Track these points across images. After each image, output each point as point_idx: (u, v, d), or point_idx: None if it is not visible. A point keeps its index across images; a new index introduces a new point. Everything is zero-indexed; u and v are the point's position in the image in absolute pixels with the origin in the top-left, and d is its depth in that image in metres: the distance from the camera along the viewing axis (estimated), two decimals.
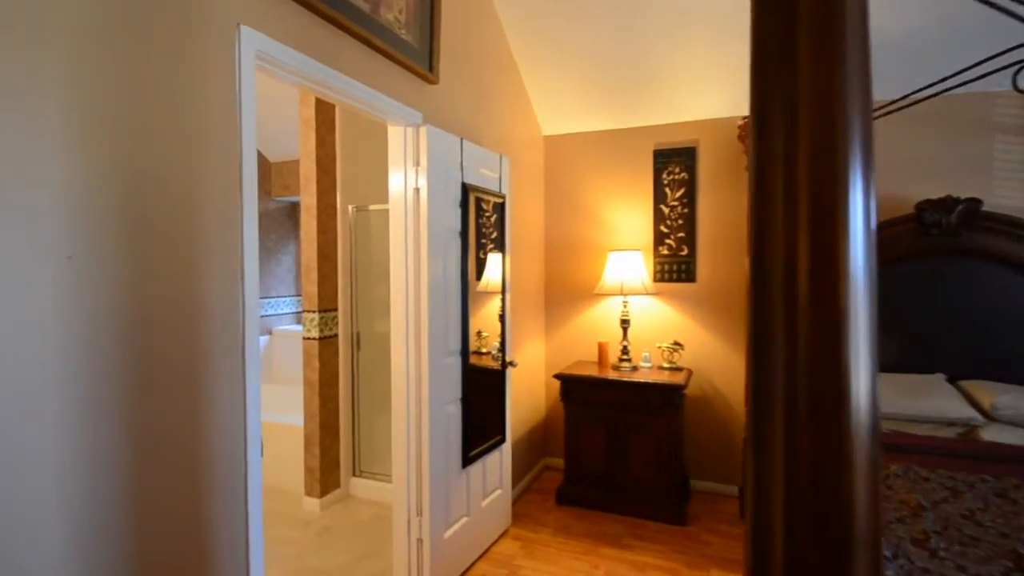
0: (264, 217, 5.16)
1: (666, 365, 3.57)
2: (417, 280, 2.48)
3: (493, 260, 3.10)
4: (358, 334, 3.68)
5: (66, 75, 1.26)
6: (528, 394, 3.81)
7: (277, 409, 4.71)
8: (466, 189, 2.69)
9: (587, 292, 3.95)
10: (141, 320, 1.41)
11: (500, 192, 3.05)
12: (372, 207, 3.63)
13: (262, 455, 1.75)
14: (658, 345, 3.64)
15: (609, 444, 3.37)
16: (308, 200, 3.49)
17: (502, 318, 3.10)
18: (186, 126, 1.52)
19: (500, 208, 3.08)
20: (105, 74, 1.33)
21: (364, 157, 3.73)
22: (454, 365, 2.65)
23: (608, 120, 3.87)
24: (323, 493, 3.47)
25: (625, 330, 3.60)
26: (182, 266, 1.51)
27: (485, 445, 2.87)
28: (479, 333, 3.06)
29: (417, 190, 2.47)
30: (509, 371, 3.15)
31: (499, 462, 3.08)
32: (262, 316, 5.12)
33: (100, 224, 1.33)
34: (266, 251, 5.18)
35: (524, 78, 3.71)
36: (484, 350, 3.11)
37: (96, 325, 1.32)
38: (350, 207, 3.64)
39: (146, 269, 1.42)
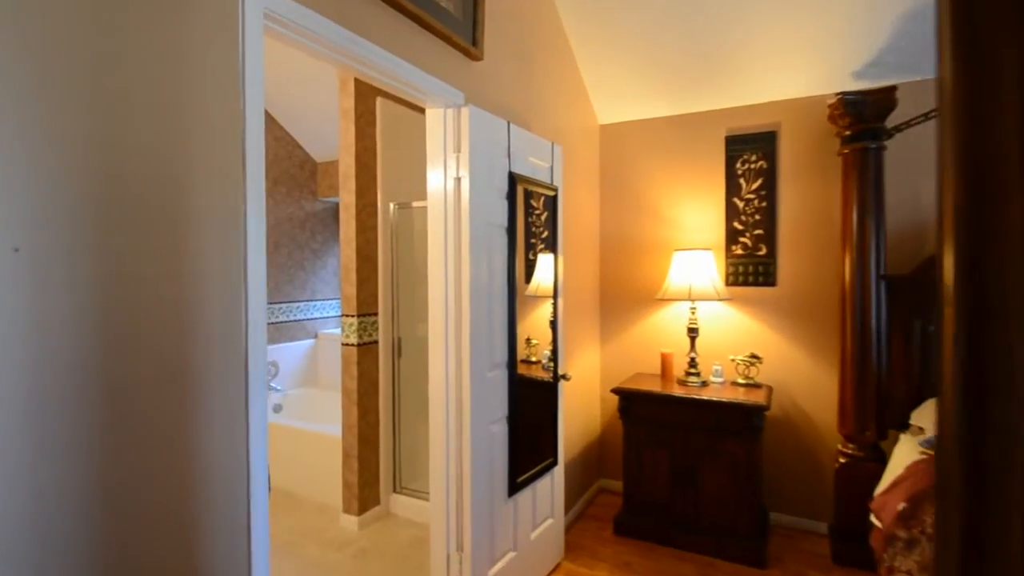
0: (311, 218, 5.00)
1: (741, 381, 3.11)
2: (458, 283, 2.15)
3: (543, 260, 2.75)
4: (399, 340, 3.40)
5: (7, 17, 0.99)
6: (582, 408, 3.43)
7: (320, 417, 4.51)
8: (513, 179, 2.35)
9: (648, 297, 3.53)
10: (112, 330, 1.13)
11: (551, 184, 2.70)
12: (415, 204, 3.35)
13: (269, 491, 1.46)
14: (731, 358, 3.18)
15: (675, 470, 2.94)
16: (347, 197, 3.24)
17: (553, 325, 2.74)
18: (176, 97, 1.24)
19: (552, 202, 2.72)
20: (69, 24, 1.07)
21: (406, 151, 3.45)
22: (499, 379, 2.30)
23: (672, 105, 3.45)
24: (361, 510, 3.20)
25: (693, 340, 3.16)
26: (168, 265, 1.23)
27: (535, 469, 2.51)
28: (528, 340, 2.72)
29: (458, 180, 2.15)
30: (562, 385, 2.78)
31: (550, 488, 2.71)
32: (308, 319, 4.95)
33: (58, 210, 1.06)
34: (312, 252, 5.02)
35: (578, 60, 3.34)
36: (534, 359, 2.76)
37: (48, 335, 1.04)
38: (391, 204, 3.37)
39: (120, 268, 1.15)
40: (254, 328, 1.40)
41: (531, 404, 2.57)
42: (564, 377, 2.72)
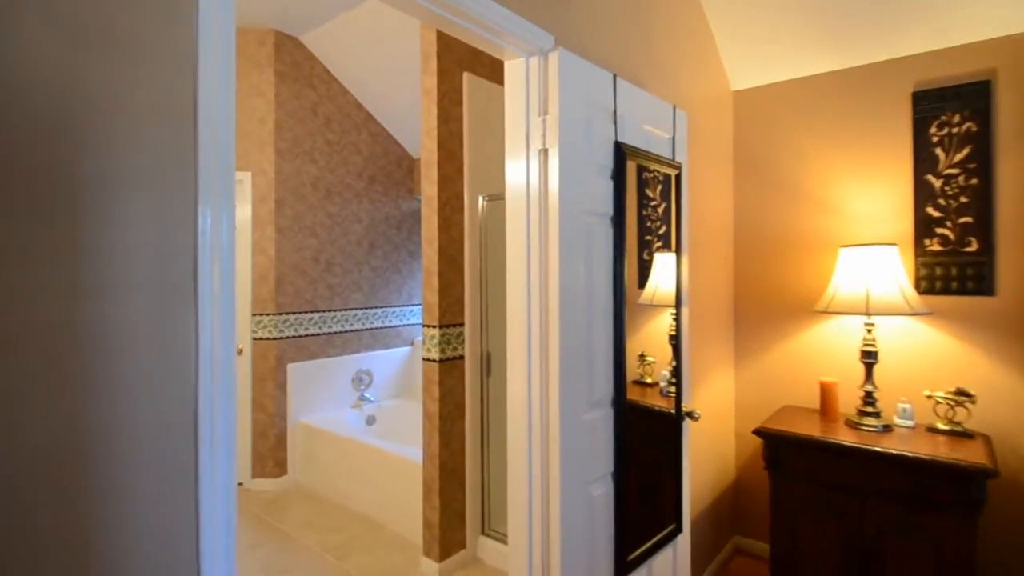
0: (408, 218, 4.67)
1: (942, 426, 2.20)
2: (543, 291, 1.56)
3: (661, 261, 2.07)
4: (488, 355, 2.87)
5: None
6: (712, 448, 2.67)
7: (413, 434, 4.12)
8: (621, 152, 1.70)
9: (800, 307, 2.69)
10: None
11: (673, 160, 2.01)
12: (504, 195, 2.81)
13: None
14: (928, 394, 2.27)
15: (849, 549, 2.11)
16: (428, 189, 2.76)
17: (676, 345, 2.06)
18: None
19: (673, 184, 2.04)
20: None
21: (497, 135, 2.92)
22: (602, 422, 1.67)
23: (833, 57, 2.59)
24: (443, 555, 2.70)
25: (869, 368, 2.30)
26: (50, 270, 0.77)
27: (651, 542, 1.84)
28: (642, 357, 2.07)
29: (544, 153, 1.55)
30: (687, 425, 2.08)
31: (672, 562, 2.02)
32: (403, 325, 4.61)
33: None
34: (408, 254, 4.68)
35: (707, 9, 2.61)
36: (649, 379, 2.10)
37: None
38: (480, 198, 2.85)
39: None
40: (214, 368, 0.91)
41: (646, 443, 1.91)
42: (691, 416, 2.01)
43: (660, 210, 2.12)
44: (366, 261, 4.36)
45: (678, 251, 2.03)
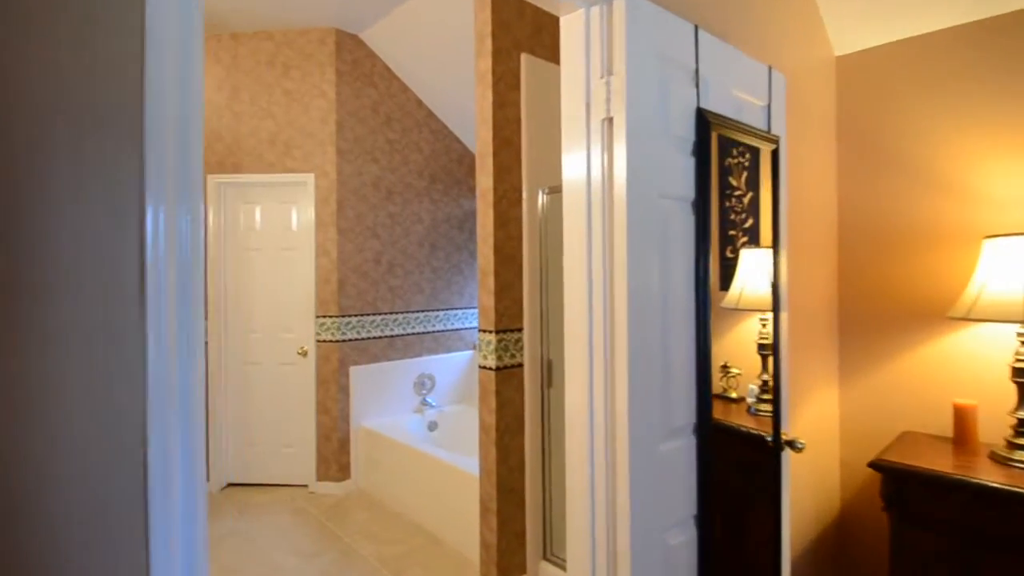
0: (470, 217, 4.47)
1: None
2: (607, 291, 1.25)
3: (749, 258, 1.72)
4: (550, 363, 2.58)
5: None
6: (811, 478, 2.23)
7: (473, 446, 3.90)
8: (704, 121, 1.37)
9: (924, 313, 2.21)
10: None
11: (769, 133, 1.65)
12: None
13: None
14: None
15: None
16: (484, 181, 2.52)
17: (768, 355, 1.69)
18: None
19: (769, 163, 1.67)
20: None
21: (560, 121, 2.64)
22: (682, 453, 1.35)
23: (964, 7, 2.10)
24: None
25: (1023, 388, 1.81)
26: None
27: None
28: (725, 368, 1.74)
29: (608, 123, 1.25)
30: (787, 456, 1.70)
31: None
32: (466, 328, 4.42)
33: None
34: (470, 254, 4.48)
35: None
36: (733, 394, 1.76)
37: None
38: (540, 191, 2.57)
39: None
40: (168, 385, 0.69)
41: (732, 472, 1.56)
42: (793, 446, 1.63)
43: (746, 200, 1.76)
44: (427, 262, 4.20)
45: (776, 242, 1.66)
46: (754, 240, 1.77)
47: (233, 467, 3.86)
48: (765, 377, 1.80)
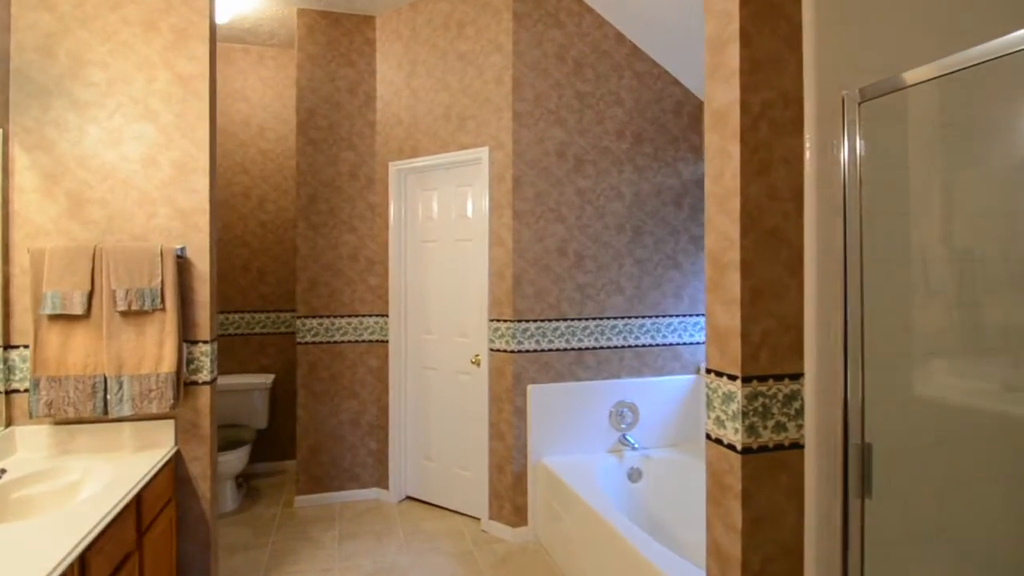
0: (693, 188, 3.14)
1: None
2: None
3: None
4: (868, 448, 1.20)
5: None
6: None
7: (692, 513, 2.60)
8: None
9: None
10: None
11: None
12: (911, 78, 1.10)
13: None
14: None
15: None
16: (717, 88, 1.25)
17: None
18: None
19: None
20: None
21: None
22: None
23: None
24: None
25: None
26: None
27: None
28: None
29: None
30: None
31: None
32: (685, 344, 3.10)
33: None
34: (692, 240, 3.14)
35: None
36: None
37: None
38: (846, 98, 1.21)
39: None
40: None
41: None
42: None
43: None
44: (629, 252, 3.01)
45: None
46: None
47: (411, 479, 3.32)
48: None
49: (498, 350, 2.86)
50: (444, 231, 3.16)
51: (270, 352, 3.84)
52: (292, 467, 3.73)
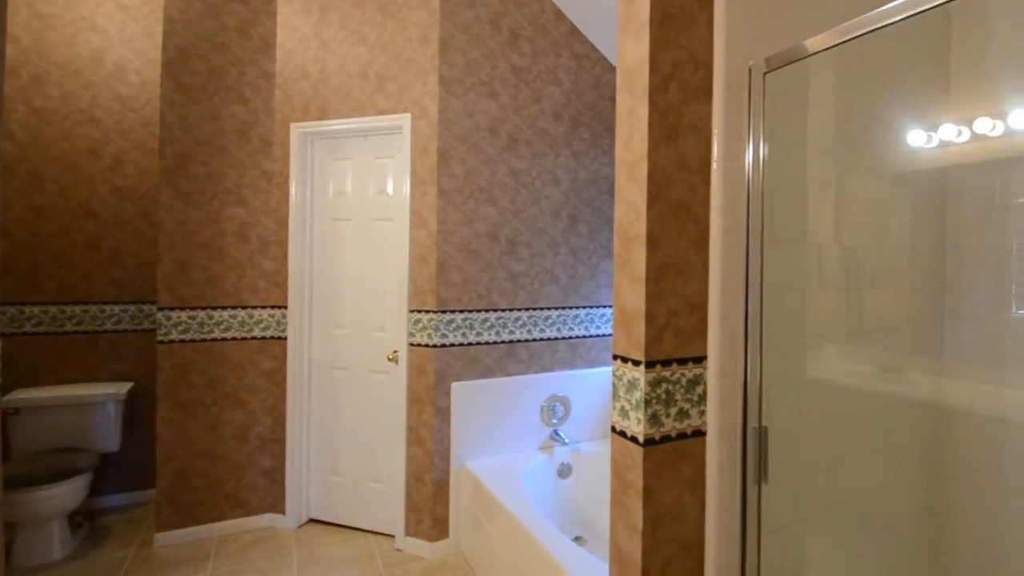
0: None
1: None
2: None
3: None
4: (764, 431, 1.23)
5: None
6: None
7: None
8: None
9: None
10: None
11: None
12: (811, 46, 1.12)
13: None
14: None
15: None
16: (628, 45, 1.25)
17: None
18: None
19: None
20: None
21: None
22: None
23: None
24: None
25: None
26: None
27: None
28: None
29: None
30: None
31: None
32: (604, 336, 3.13)
33: None
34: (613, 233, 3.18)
35: None
36: None
37: None
38: (750, 64, 1.23)
39: None
40: None
41: None
42: None
43: None
44: (565, 240, 3.02)
45: None
46: None
47: (315, 499, 3.10)
48: None
49: (419, 344, 2.80)
50: (360, 209, 3.02)
51: (126, 355, 3.31)
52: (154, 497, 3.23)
